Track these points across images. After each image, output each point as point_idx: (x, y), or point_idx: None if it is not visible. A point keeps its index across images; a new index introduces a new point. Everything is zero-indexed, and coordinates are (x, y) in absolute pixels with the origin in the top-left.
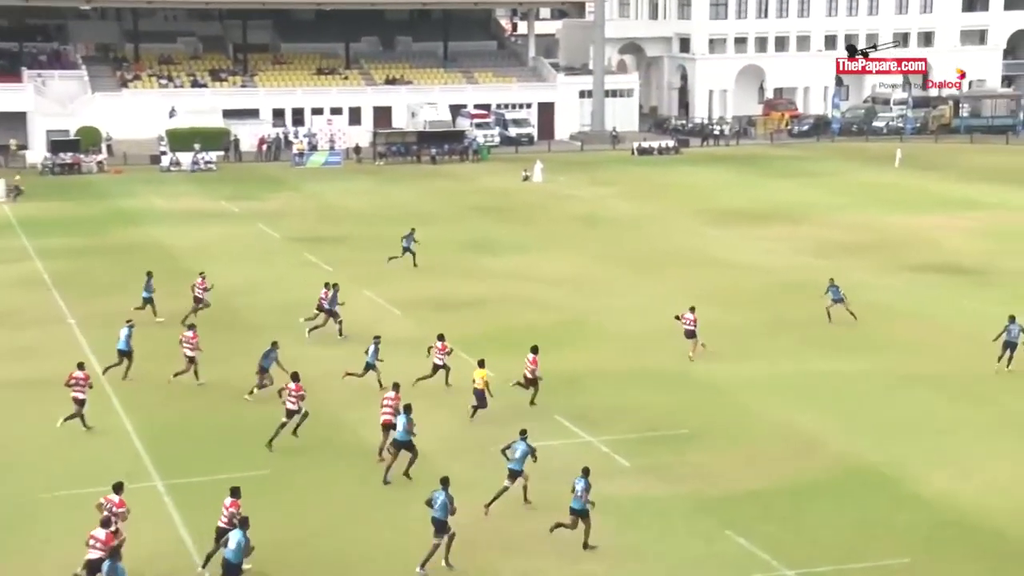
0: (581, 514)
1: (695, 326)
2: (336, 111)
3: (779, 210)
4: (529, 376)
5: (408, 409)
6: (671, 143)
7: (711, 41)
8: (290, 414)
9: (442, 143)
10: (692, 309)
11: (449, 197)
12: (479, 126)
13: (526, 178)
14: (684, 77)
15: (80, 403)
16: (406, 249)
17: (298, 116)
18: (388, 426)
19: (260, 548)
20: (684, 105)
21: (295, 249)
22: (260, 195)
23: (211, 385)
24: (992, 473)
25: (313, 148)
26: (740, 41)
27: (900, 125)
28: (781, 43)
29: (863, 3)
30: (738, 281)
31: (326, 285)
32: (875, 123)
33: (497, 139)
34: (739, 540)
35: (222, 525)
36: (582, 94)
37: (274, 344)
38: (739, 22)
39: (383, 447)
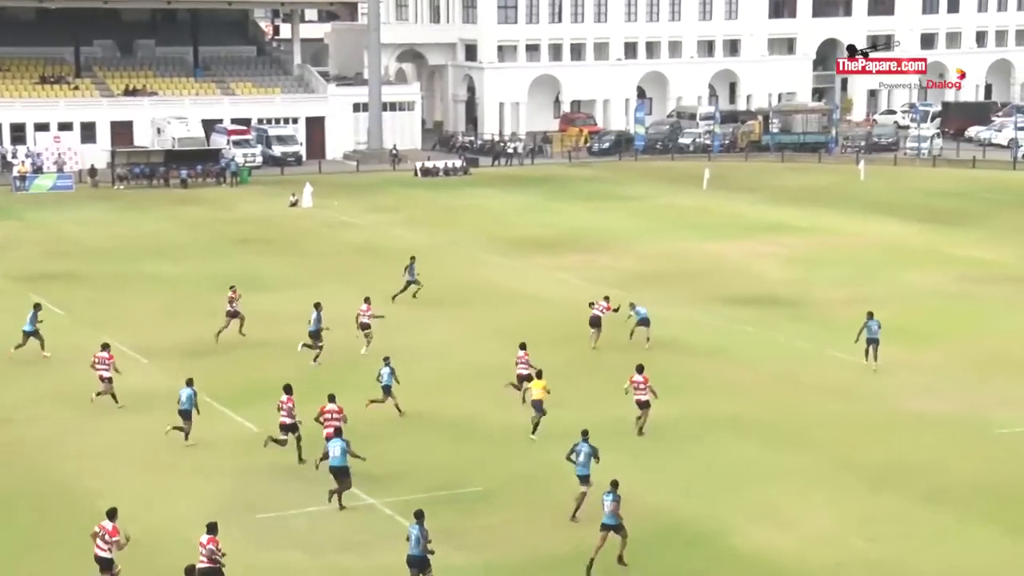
0: (615, 528)
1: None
2: (65, 127)
3: (578, 237)
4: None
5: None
6: (458, 163)
7: (500, 48)
8: (285, 429)
9: (194, 164)
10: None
11: (204, 226)
12: (237, 144)
13: (294, 203)
14: (471, 88)
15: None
16: (410, 282)
17: (18, 133)
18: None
19: None
20: (472, 120)
21: (17, 290)
22: None
23: None
24: (814, 525)
25: (38, 170)
26: (532, 48)
27: (707, 142)
28: (577, 51)
29: (664, 9)
30: (535, 317)
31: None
32: (681, 140)
33: (259, 159)
34: None
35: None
36: (356, 107)
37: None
38: (530, 27)
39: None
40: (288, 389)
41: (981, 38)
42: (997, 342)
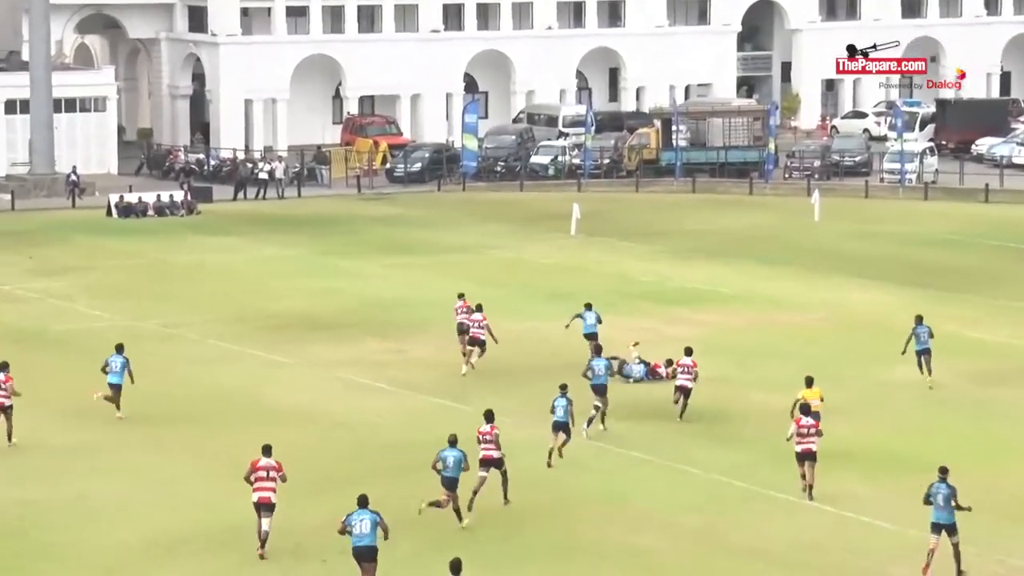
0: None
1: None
2: None
3: (375, 314)
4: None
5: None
6: (179, 196)
7: (245, 12)
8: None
9: None
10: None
11: None
12: None
13: None
14: (199, 77)
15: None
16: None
17: None
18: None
19: None
20: (202, 128)
21: None
22: None
23: None
24: None
25: None
26: (297, 13)
27: (576, 162)
28: (368, 17)
29: None
30: (308, 447)
31: None
32: (535, 158)
33: None
34: None
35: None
36: (11, 107)
37: None
38: None
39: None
40: (490, 416)
41: (992, 3)
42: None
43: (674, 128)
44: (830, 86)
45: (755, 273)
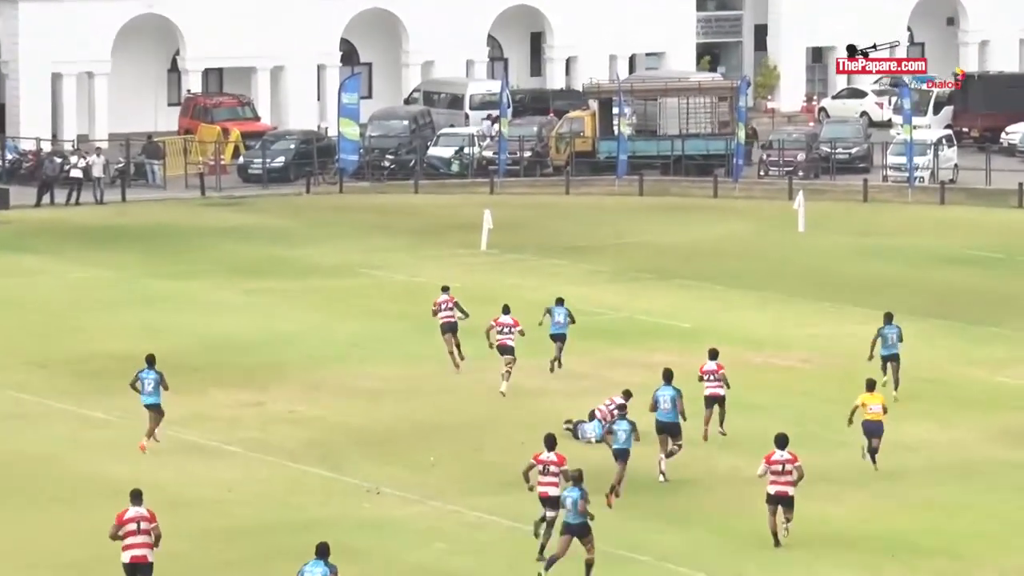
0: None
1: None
2: None
3: (226, 358)
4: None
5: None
6: None
7: None
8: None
9: None
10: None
11: None
12: None
13: None
14: None
15: None
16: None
17: None
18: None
19: None
20: None
21: None
22: None
23: None
24: None
25: None
26: None
27: (486, 154)
28: None
29: None
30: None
31: None
32: (433, 151)
33: None
34: None
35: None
36: None
37: None
38: None
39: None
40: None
41: None
42: None
43: (616, 111)
44: (817, 56)
45: (722, 301)
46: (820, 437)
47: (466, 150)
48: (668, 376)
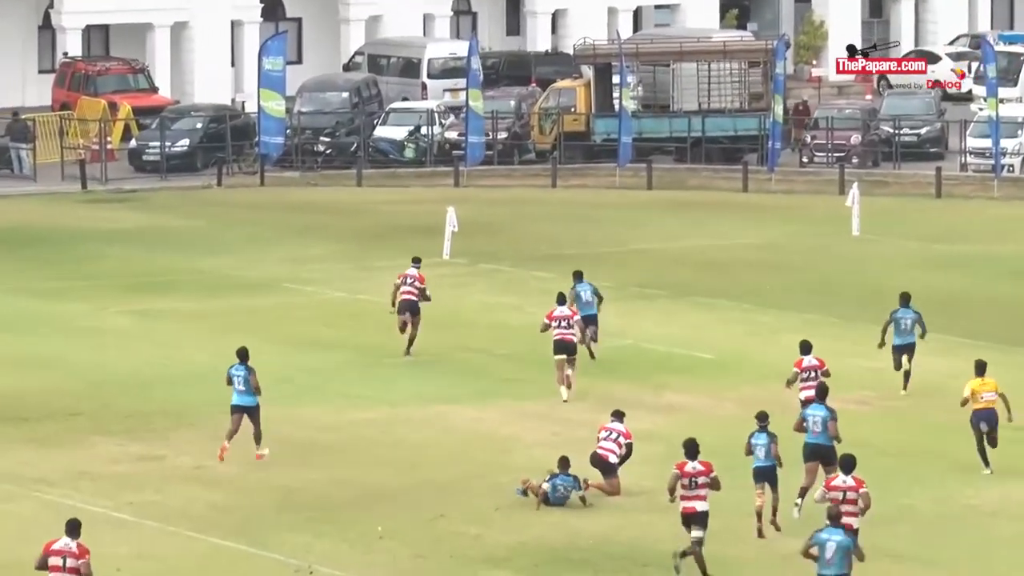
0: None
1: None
2: None
3: (113, 398)
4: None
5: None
6: None
7: None
8: None
9: None
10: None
11: None
12: None
13: None
14: None
15: None
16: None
17: None
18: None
19: None
20: None
21: None
22: None
23: None
24: None
25: None
26: None
27: (453, 136)
28: None
29: None
30: None
31: None
32: (382, 132)
33: None
34: None
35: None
36: None
37: None
38: None
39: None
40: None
41: None
42: None
43: (617, 80)
44: (876, 9)
45: (753, 325)
46: (881, 500)
47: (423, 131)
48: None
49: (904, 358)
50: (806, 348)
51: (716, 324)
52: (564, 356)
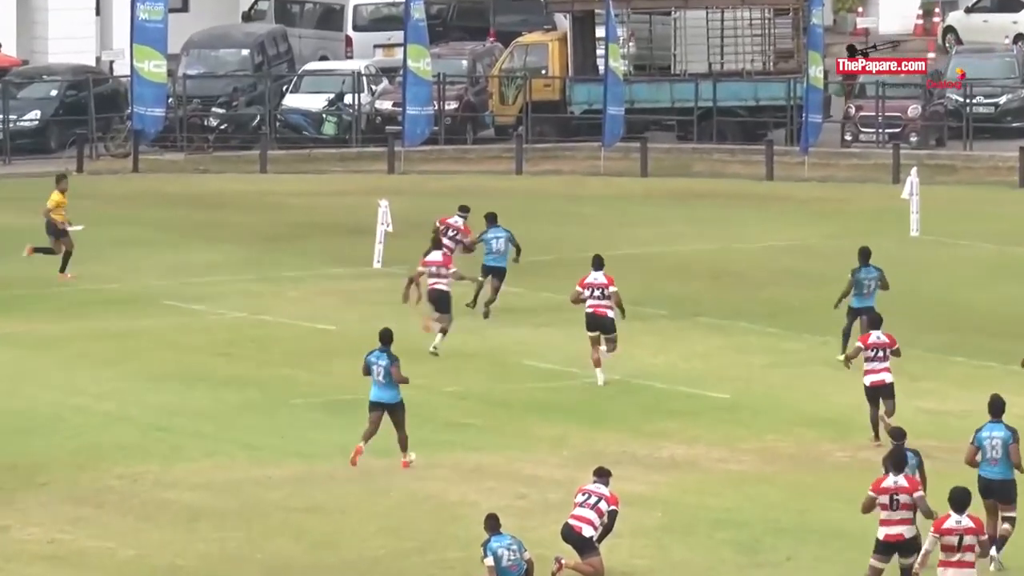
0: None
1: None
2: None
3: None
4: None
5: None
6: None
7: None
8: None
9: None
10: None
11: None
12: None
13: None
14: None
15: None
16: None
17: None
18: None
19: None
20: None
21: None
22: None
23: None
24: None
25: None
26: None
27: (386, 107)
28: None
29: None
30: None
31: None
32: (292, 101)
33: None
34: None
35: None
36: None
37: None
38: None
39: None
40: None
41: None
42: None
43: (602, 35)
44: None
45: (781, 355)
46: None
47: (348, 99)
48: (998, 409)
49: (861, 322)
50: (875, 322)
51: (731, 353)
52: (598, 333)
